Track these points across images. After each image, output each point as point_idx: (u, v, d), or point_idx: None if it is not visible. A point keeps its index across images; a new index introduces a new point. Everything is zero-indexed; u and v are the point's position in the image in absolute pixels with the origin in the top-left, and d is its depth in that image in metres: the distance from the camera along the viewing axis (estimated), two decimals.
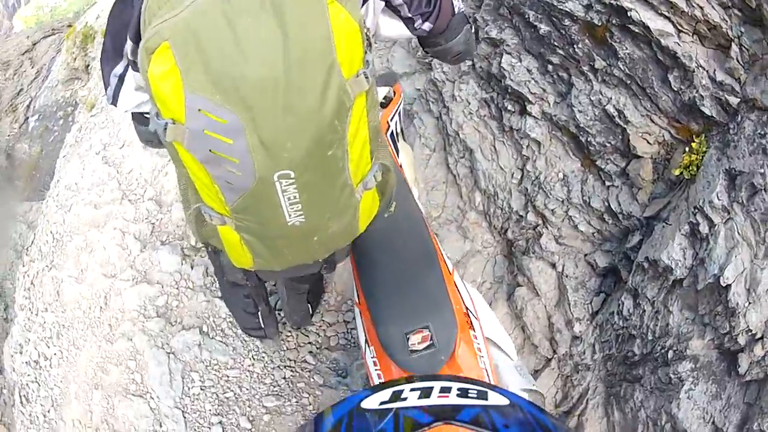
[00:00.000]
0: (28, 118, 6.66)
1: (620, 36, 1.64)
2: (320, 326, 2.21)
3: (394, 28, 0.91)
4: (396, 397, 0.55)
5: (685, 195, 1.52)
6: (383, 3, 0.84)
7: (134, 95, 0.82)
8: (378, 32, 0.90)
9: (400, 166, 1.59)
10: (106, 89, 0.84)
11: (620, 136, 1.72)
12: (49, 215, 3.12)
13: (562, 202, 1.89)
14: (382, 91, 1.67)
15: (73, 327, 2.49)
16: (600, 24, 1.67)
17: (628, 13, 1.54)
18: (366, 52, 0.68)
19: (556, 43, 1.86)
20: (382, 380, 1.16)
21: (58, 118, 5.89)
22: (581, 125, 1.79)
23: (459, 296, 1.20)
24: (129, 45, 0.72)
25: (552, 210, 1.91)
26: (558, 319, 1.84)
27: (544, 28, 1.88)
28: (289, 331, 2.16)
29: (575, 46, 1.78)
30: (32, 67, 7.28)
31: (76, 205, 2.95)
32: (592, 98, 1.76)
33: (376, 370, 1.18)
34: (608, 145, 1.75)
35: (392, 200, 1.04)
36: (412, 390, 0.56)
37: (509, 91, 2.05)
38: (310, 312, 2.00)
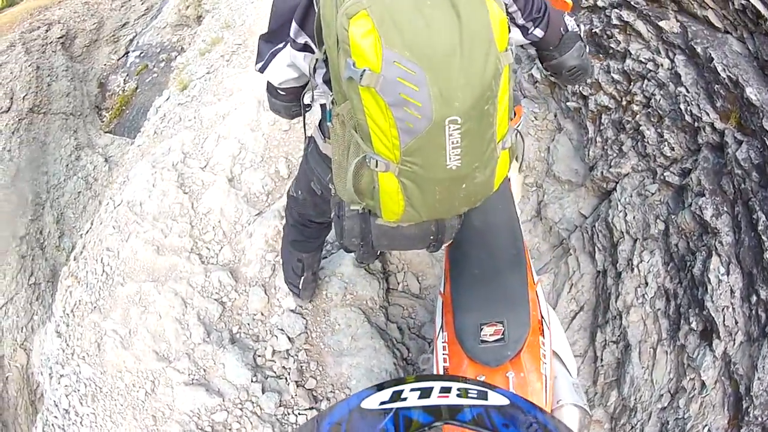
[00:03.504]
0: (129, 52, 6.59)
1: None
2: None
3: (511, 35, 1.04)
4: (396, 397, 0.56)
5: None
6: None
7: (284, 70, 1.05)
8: None
9: (508, 178, 1.64)
10: (258, 61, 1.06)
11: None
12: (103, 235, 2.71)
13: None
14: None
15: (112, 397, 2.16)
16: None
17: None
18: (509, 36, 0.89)
19: None
20: (448, 365, 1.23)
21: (160, 60, 5.88)
22: (752, 391, 1.54)
23: (538, 303, 1.27)
24: (294, 27, 0.97)
25: None
26: None
27: None
28: None
29: None
30: (142, 3, 7.20)
31: (135, 236, 2.58)
32: None
33: (443, 353, 1.25)
34: (762, 424, 1.50)
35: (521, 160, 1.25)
36: (413, 390, 0.57)
37: (701, 308, 1.79)
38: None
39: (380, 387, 0.61)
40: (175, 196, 2.71)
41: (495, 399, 0.55)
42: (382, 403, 0.55)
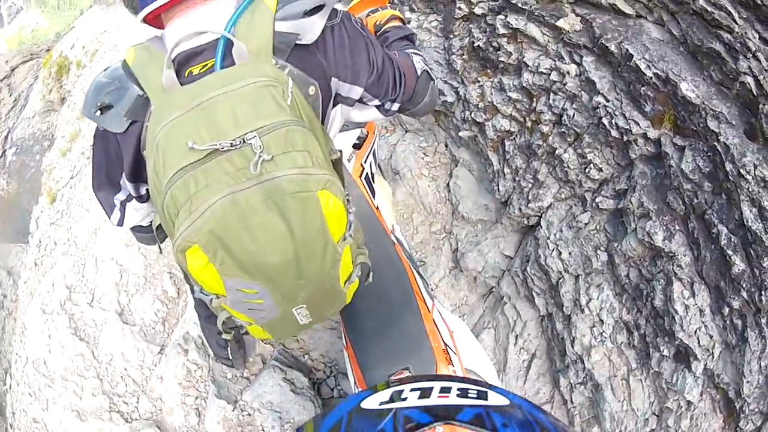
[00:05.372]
0: (5, 150, 6.30)
1: None
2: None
3: (366, 114, 1.06)
4: (396, 397, 0.56)
5: None
6: (350, 107, 0.99)
7: (141, 214, 1.02)
8: (350, 119, 1.06)
9: (377, 208, 1.63)
10: (108, 214, 1.01)
11: None
12: (24, 404, 2.70)
13: None
14: (355, 133, 1.70)
15: None
16: None
17: None
18: (348, 217, 0.84)
19: (743, 284, 1.48)
20: None
21: (35, 153, 5.70)
22: (743, 394, 1.47)
23: (438, 333, 1.27)
24: (128, 184, 0.92)
25: None
26: None
27: (738, 264, 1.47)
28: None
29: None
30: (10, 95, 6.97)
31: (53, 403, 2.57)
32: (762, 363, 1.45)
33: None
34: (759, 411, 1.46)
35: (369, 274, 1.17)
36: (412, 390, 0.57)
37: (671, 336, 1.62)
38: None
39: (380, 387, 0.61)
40: (73, 347, 2.72)
41: (495, 399, 0.55)
42: (382, 403, 0.55)
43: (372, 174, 1.78)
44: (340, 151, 0.93)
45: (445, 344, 1.26)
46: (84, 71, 8.02)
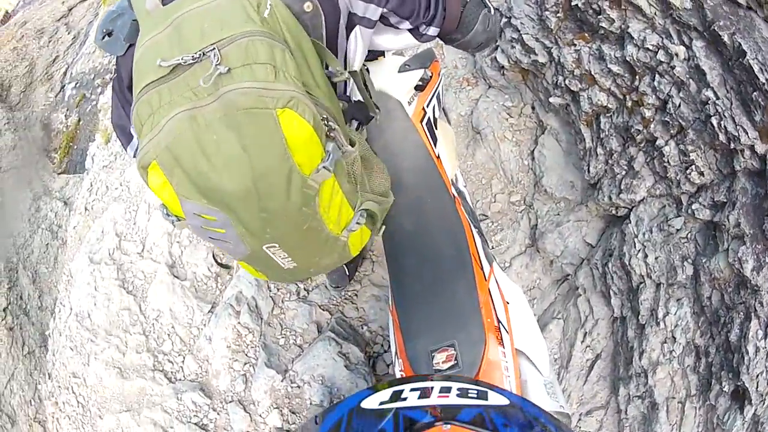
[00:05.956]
0: (64, 86, 6.52)
1: None
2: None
3: (399, 41, 0.97)
4: (396, 397, 0.55)
5: None
6: (371, 29, 0.90)
7: None
8: (380, 46, 0.99)
9: (438, 157, 1.50)
10: (125, 146, 1.02)
11: None
12: (64, 357, 2.61)
13: None
14: (418, 74, 1.58)
15: None
16: None
17: None
18: (326, 146, 0.77)
19: None
20: None
21: (96, 86, 5.60)
22: None
23: (492, 307, 1.18)
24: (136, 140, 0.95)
25: None
26: None
27: None
28: None
29: None
30: (68, 33, 7.01)
31: (94, 358, 2.45)
32: None
33: None
34: None
35: (382, 224, 1.13)
36: (412, 390, 0.56)
37: (735, 373, 1.51)
38: (347, 273, 2.19)
39: (380, 387, 0.60)
40: (119, 299, 2.56)
41: (495, 399, 0.55)
42: (382, 402, 0.55)
43: (435, 119, 1.65)
44: (361, 74, 0.90)
45: (498, 320, 1.17)
46: None
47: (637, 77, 1.82)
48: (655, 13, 1.71)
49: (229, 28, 0.70)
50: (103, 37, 0.86)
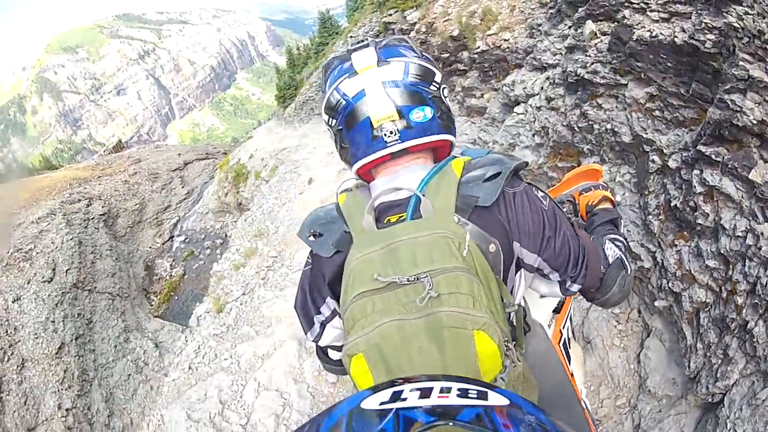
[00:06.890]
0: (173, 236, 6.94)
1: None
2: None
3: (548, 287, 1.09)
4: (396, 397, 0.57)
5: None
6: (532, 274, 1.05)
7: (334, 333, 1.09)
8: (536, 289, 1.12)
9: (572, 374, 1.55)
10: (306, 330, 1.10)
11: None
12: None
13: None
14: (556, 299, 1.66)
15: None
16: None
17: None
18: (504, 361, 0.86)
19: None
20: None
21: (206, 247, 6.18)
22: None
23: None
24: (331, 301, 1.04)
25: None
26: None
27: None
28: None
29: None
30: (182, 187, 7.68)
31: None
32: None
33: None
34: None
35: None
36: (412, 390, 0.58)
37: None
38: None
39: (380, 387, 0.61)
40: None
41: (495, 399, 0.56)
42: (382, 403, 0.56)
43: (569, 339, 1.81)
44: (522, 308, 1.02)
45: None
46: (262, 185, 7.91)
47: (730, 267, 1.99)
48: (741, 197, 1.93)
49: (438, 261, 0.87)
50: (310, 236, 1.02)
